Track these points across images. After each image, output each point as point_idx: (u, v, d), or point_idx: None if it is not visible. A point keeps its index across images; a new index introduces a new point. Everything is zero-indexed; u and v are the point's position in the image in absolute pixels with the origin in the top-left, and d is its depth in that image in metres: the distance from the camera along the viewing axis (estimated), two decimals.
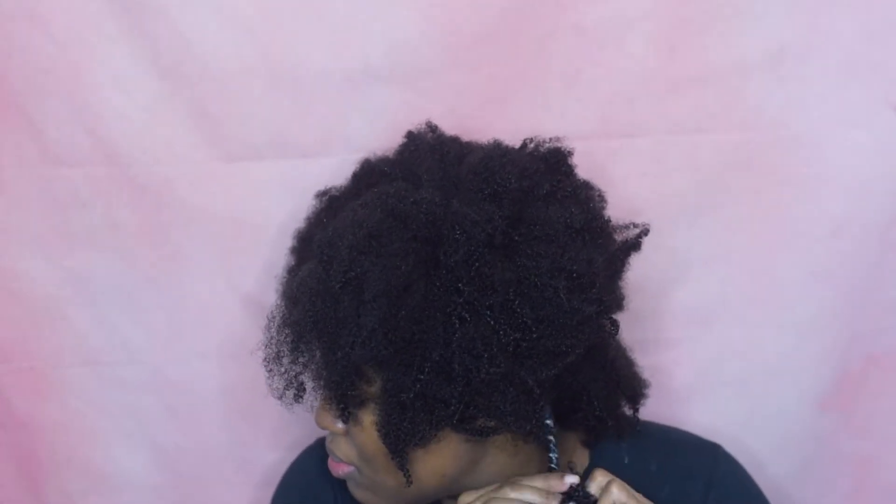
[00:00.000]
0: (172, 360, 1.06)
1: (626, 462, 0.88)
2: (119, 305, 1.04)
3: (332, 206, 0.85)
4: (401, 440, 0.76)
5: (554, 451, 0.81)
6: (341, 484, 0.89)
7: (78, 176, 0.99)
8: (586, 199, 0.82)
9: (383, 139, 0.91)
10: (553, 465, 0.81)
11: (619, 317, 0.83)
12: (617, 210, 0.85)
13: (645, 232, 0.84)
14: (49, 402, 1.07)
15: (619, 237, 0.84)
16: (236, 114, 0.98)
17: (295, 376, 0.81)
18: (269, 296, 0.87)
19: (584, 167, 0.85)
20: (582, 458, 0.89)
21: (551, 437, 0.81)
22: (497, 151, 0.81)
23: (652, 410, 0.90)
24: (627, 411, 0.87)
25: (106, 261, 1.02)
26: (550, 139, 0.84)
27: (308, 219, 0.87)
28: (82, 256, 1.02)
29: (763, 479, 0.93)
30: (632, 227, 0.84)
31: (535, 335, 0.73)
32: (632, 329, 0.88)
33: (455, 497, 0.86)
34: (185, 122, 0.98)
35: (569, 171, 0.83)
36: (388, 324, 0.72)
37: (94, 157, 0.99)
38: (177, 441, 1.09)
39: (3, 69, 0.96)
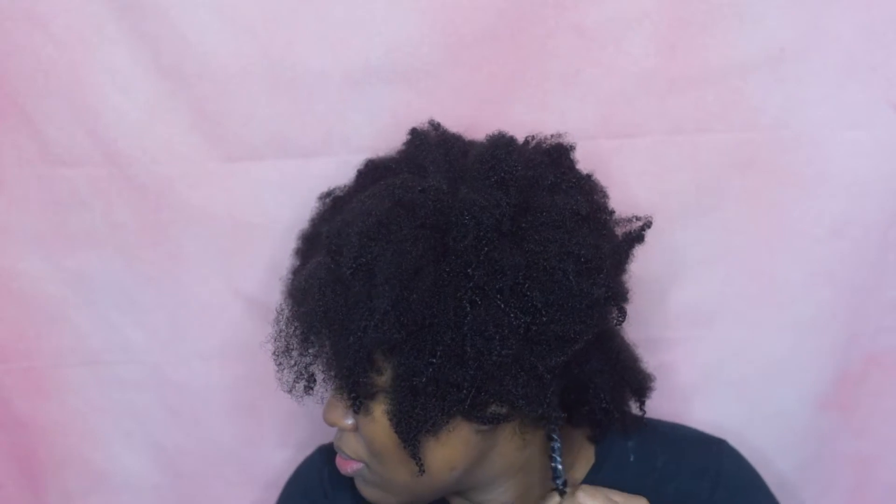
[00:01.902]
0: (173, 360, 1.06)
1: (631, 459, 0.89)
2: (119, 305, 1.04)
3: (336, 206, 0.85)
4: (413, 427, 0.75)
5: (558, 462, 0.81)
6: (344, 492, 0.89)
7: (78, 176, 0.99)
8: (590, 191, 0.83)
9: (383, 139, 0.91)
10: (557, 478, 0.81)
11: None
12: (617, 210, 0.85)
13: (648, 224, 0.85)
14: (49, 402, 1.07)
15: (622, 230, 0.84)
16: (236, 114, 0.98)
17: (305, 368, 0.80)
18: (270, 295, 0.87)
19: (584, 167, 0.86)
20: (587, 454, 0.89)
21: (557, 457, 0.81)
22: (502, 141, 0.82)
23: (654, 410, 0.90)
24: (633, 407, 0.88)
25: (106, 261, 1.02)
26: (552, 135, 0.85)
27: (312, 220, 0.87)
28: (82, 256, 1.02)
29: (764, 478, 0.93)
30: (635, 220, 0.85)
31: (545, 318, 0.74)
32: (632, 328, 0.88)
33: (462, 494, 0.86)
34: (185, 122, 0.98)
35: (571, 164, 0.84)
36: (399, 306, 0.72)
37: (94, 157, 0.98)
38: (177, 441, 1.09)
39: (3, 69, 0.96)
